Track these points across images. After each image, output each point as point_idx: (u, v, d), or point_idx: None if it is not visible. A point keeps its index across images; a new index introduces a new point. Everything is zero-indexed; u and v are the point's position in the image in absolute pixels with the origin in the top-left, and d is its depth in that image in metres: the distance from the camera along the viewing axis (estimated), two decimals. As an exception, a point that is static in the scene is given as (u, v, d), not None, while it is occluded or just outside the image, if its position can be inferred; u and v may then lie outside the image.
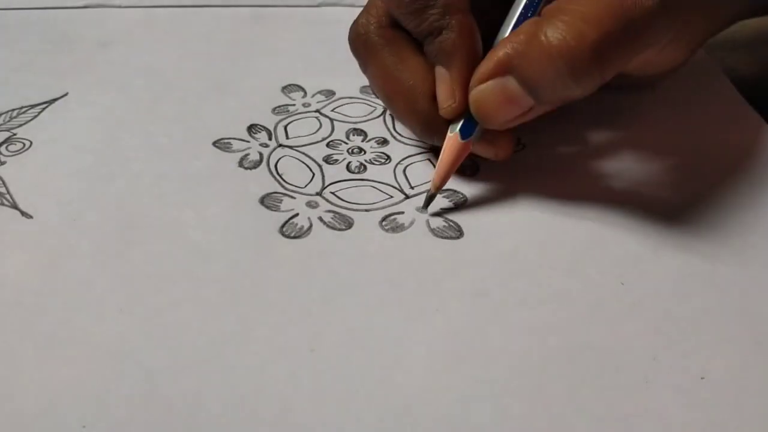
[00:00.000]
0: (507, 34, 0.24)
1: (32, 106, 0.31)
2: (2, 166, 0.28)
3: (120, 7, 0.39)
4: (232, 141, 0.29)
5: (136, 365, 0.21)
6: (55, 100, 0.31)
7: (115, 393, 0.20)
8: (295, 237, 0.25)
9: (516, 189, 0.27)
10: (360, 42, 0.27)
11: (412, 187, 0.27)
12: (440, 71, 0.25)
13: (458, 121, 0.25)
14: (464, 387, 0.20)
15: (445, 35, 0.25)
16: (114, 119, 0.30)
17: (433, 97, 0.25)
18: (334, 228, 0.25)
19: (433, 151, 0.28)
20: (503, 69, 0.23)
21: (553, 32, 0.22)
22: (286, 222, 0.25)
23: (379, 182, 0.27)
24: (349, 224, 0.25)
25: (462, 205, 0.26)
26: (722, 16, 0.28)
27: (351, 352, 0.21)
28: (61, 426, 0.19)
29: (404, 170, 0.28)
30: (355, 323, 0.22)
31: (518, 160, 0.28)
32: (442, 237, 0.25)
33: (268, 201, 0.26)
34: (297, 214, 0.26)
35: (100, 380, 0.20)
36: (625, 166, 0.28)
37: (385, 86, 0.27)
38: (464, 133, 0.25)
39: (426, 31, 0.25)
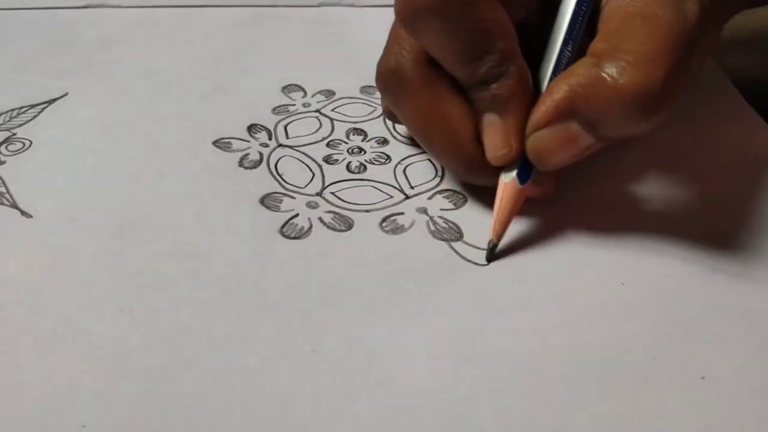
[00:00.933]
0: (550, 72, 0.24)
1: (32, 106, 0.31)
2: (2, 166, 0.27)
3: (120, 7, 0.39)
4: (232, 141, 0.29)
5: (136, 365, 0.21)
6: (54, 99, 0.31)
7: (115, 393, 0.20)
8: (295, 237, 0.25)
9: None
10: (394, 79, 0.25)
11: (412, 187, 0.27)
12: (492, 118, 0.24)
13: (512, 166, 0.24)
14: (464, 387, 0.20)
15: (502, 82, 0.23)
16: (114, 119, 0.30)
17: (477, 139, 0.25)
18: (334, 229, 0.25)
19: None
20: (565, 113, 0.23)
21: (621, 74, 0.21)
22: (286, 222, 0.25)
23: (379, 182, 0.27)
24: (349, 225, 0.25)
25: (462, 205, 0.26)
26: (731, 11, 0.28)
27: (351, 352, 0.21)
28: (61, 426, 0.19)
29: (404, 170, 0.28)
30: (355, 324, 0.22)
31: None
32: (441, 238, 0.25)
33: (268, 201, 0.26)
34: (297, 215, 0.26)
35: (100, 380, 0.20)
36: (624, 167, 0.28)
37: (425, 128, 0.25)
38: (522, 178, 0.24)
39: (481, 79, 0.24)
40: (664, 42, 0.22)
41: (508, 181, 0.24)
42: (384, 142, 0.29)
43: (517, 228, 0.25)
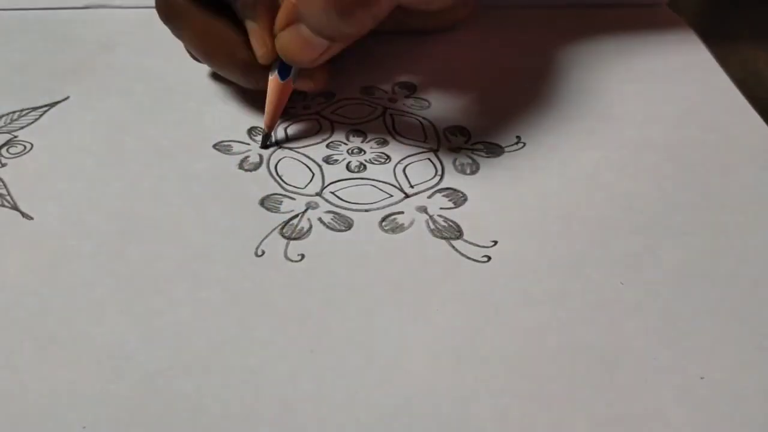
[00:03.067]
0: None
1: (33, 109, 0.31)
2: (3, 168, 0.28)
3: (121, 7, 0.39)
4: (232, 143, 0.29)
5: (136, 366, 0.21)
6: (56, 103, 0.31)
7: (115, 393, 0.20)
8: (295, 238, 0.25)
9: (516, 188, 0.27)
10: (170, 9, 0.29)
11: (411, 186, 0.27)
12: (250, 24, 0.28)
13: (276, 64, 0.28)
14: (464, 387, 0.20)
15: None
16: (115, 122, 0.30)
17: (249, 47, 0.28)
18: (334, 229, 0.25)
19: (433, 152, 0.28)
20: (294, 17, 0.26)
21: None
22: (286, 223, 0.25)
23: (379, 181, 0.27)
24: (348, 225, 0.25)
25: (462, 204, 0.26)
26: None
27: (351, 352, 0.21)
28: (61, 426, 0.19)
29: (404, 169, 0.28)
30: (355, 324, 0.22)
31: (518, 159, 0.28)
32: (441, 237, 0.25)
33: (268, 203, 0.26)
34: (297, 216, 0.26)
35: (100, 380, 0.20)
36: (624, 166, 0.28)
37: (203, 44, 0.29)
38: (282, 74, 0.28)
39: None
40: None
41: (272, 77, 0.28)
42: (384, 142, 0.29)
43: (518, 226, 0.25)
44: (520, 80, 0.32)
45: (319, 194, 0.27)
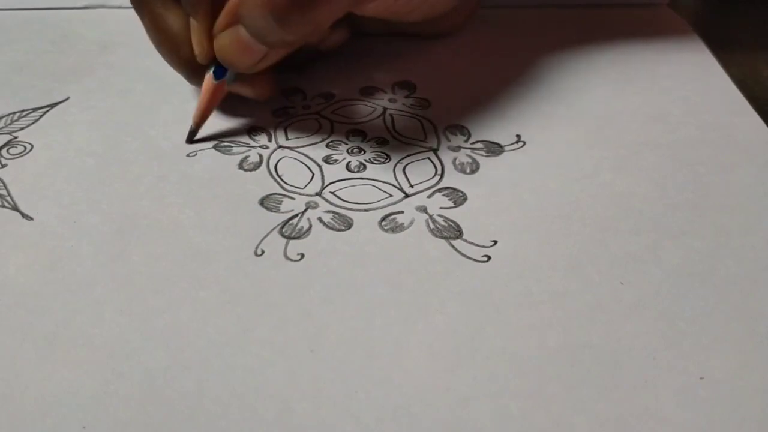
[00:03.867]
0: None
1: (33, 110, 0.31)
2: (3, 169, 0.28)
3: (121, 7, 0.39)
4: (232, 144, 0.29)
5: (135, 366, 0.21)
6: (56, 103, 0.31)
7: (115, 393, 0.20)
8: (294, 237, 0.25)
9: (516, 188, 0.27)
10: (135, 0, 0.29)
11: (411, 186, 0.27)
12: (192, 22, 0.28)
13: (213, 63, 0.28)
14: (464, 387, 0.20)
15: None
16: (114, 122, 0.30)
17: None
18: (333, 228, 0.25)
19: (433, 151, 0.28)
20: (235, 18, 0.26)
21: None
22: (286, 222, 0.25)
23: (379, 181, 0.27)
24: (348, 224, 0.25)
25: (462, 203, 0.26)
26: None
27: (351, 352, 0.21)
28: (61, 426, 0.19)
29: (404, 169, 0.28)
30: (354, 323, 0.22)
31: (518, 158, 0.28)
32: (441, 236, 0.25)
33: (267, 202, 0.26)
34: (297, 215, 0.26)
35: (100, 380, 0.20)
36: (624, 166, 0.28)
37: (155, 35, 0.29)
38: (217, 75, 0.28)
39: None
40: None
41: (207, 76, 0.28)
42: (383, 142, 0.29)
43: (518, 226, 0.25)
44: (520, 79, 0.32)
45: (318, 194, 0.27)
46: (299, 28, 0.25)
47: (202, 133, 0.29)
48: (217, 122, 0.30)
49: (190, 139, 0.29)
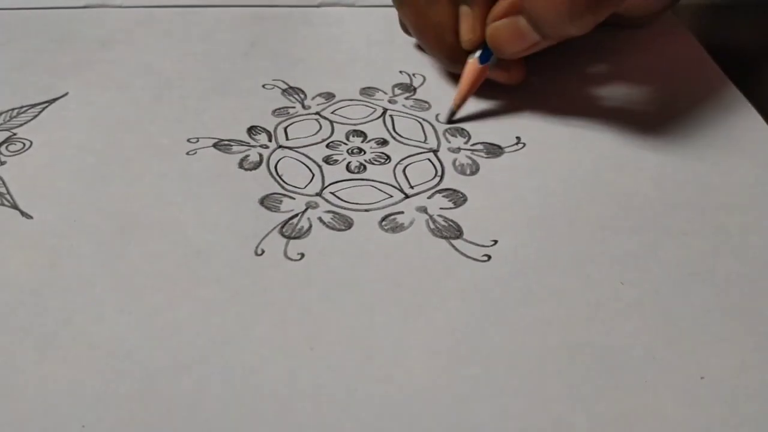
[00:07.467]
0: None
1: (32, 106, 0.31)
2: (2, 166, 0.28)
3: (120, 7, 0.39)
4: (232, 142, 0.29)
5: (135, 365, 0.21)
6: (55, 99, 0.31)
7: (115, 393, 0.20)
8: (294, 237, 0.25)
9: (516, 188, 0.27)
10: None
11: (411, 186, 0.27)
12: (464, 9, 0.29)
13: (477, 51, 0.29)
14: (463, 385, 0.20)
15: None
16: (114, 120, 0.30)
17: (457, 33, 0.30)
18: (333, 228, 0.25)
19: (433, 152, 0.28)
20: (515, 9, 0.27)
21: None
22: (286, 222, 0.25)
23: (379, 182, 0.27)
24: (348, 224, 0.25)
25: (462, 204, 0.26)
26: None
27: (350, 351, 0.21)
28: (61, 426, 0.19)
29: (404, 170, 0.28)
30: (354, 323, 0.22)
31: (518, 159, 0.28)
32: (441, 236, 0.25)
33: (267, 202, 0.26)
34: (297, 215, 0.26)
35: (100, 380, 0.20)
36: (624, 166, 0.28)
37: (417, 22, 0.30)
38: (482, 59, 0.29)
39: None
40: None
41: (471, 60, 0.30)
42: (384, 142, 0.29)
43: (517, 226, 0.25)
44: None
45: (319, 194, 0.27)
46: (587, 24, 0.26)
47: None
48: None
49: (450, 118, 0.30)
